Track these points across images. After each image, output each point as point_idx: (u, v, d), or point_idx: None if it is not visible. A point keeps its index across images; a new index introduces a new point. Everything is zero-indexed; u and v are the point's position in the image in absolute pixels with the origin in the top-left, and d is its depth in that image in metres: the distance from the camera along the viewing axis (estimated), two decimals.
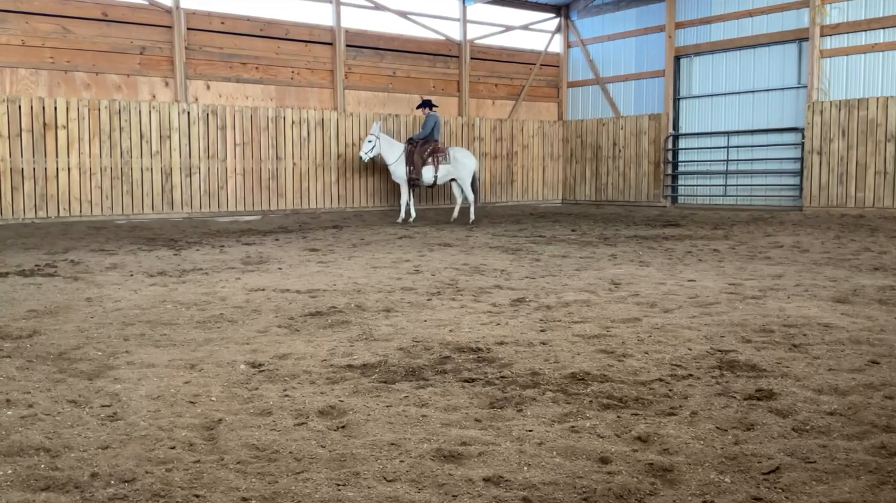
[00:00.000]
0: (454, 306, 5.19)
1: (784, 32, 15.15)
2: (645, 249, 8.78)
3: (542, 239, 10.19)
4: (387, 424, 2.78)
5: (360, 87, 16.31)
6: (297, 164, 15.33)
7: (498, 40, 18.53)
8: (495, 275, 6.70)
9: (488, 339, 4.10)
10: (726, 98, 16.31)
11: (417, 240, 10.18)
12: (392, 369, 3.54)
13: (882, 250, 8.36)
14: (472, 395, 3.13)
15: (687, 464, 2.38)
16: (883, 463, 2.31)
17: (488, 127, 18.11)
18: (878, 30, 13.86)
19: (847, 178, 14.19)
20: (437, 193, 17.14)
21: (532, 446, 2.54)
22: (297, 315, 4.88)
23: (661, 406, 2.99)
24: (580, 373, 3.41)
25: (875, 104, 13.76)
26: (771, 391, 3.12)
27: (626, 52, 18.08)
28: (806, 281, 6.21)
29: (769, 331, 4.29)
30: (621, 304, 5.20)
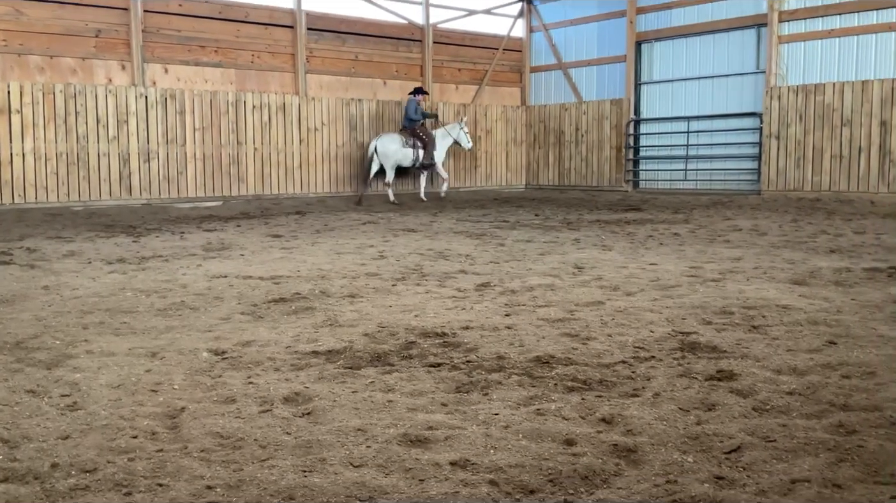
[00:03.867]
0: (419, 291, 5.18)
1: (743, 18, 15.33)
2: (607, 234, 8.86)
3: (506, 224, 10.23)
4: (353, 410, 2.77)
5: (323, 72, 16.14)
6: (259, 150, 15.15)
7: (461, 24, 18.46)
8: (460, 260, 6.71)
9: (454, 324, 4.11)
10: (686, 83, 16.47)
11: (381, 225, 10.15)
12: (357, 355, 3.53)
13: (838, 233, 8.54)
14: (438, 380, 3.13)
15: (650, 444, 2.41)
16: (841, 441, 2.37)
17: (451, 112, 18.07)
18: (834, 16, 14.09)
19: (804, 162, 14.45)
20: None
21: (498, 429, 2.55)
22: (260, 302, 4.84)
23: (625, 388, 3.02)
24: (545, 356, 3.43)
25: (831, 89, 14.02)
26: (731, 372, 3.17)
27: (588, 37, 18.15)
28: (764, 263, 6.32)
29: (729, 313, 4.36)
30: (585, 288, 5.24)
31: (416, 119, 15.38)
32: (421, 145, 15.38)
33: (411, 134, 15.36)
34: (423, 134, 15.46)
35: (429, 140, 15.49)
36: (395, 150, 15.23)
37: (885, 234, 8.38)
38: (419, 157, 15.38)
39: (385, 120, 16.91)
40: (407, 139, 15.30)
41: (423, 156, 15.41)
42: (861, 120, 13.64)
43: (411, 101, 15.44)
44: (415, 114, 15.34)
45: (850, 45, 13.98)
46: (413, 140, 15.31)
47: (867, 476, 2.13)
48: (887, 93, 13.34)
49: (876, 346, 3.56)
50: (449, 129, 15.97)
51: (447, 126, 16.10)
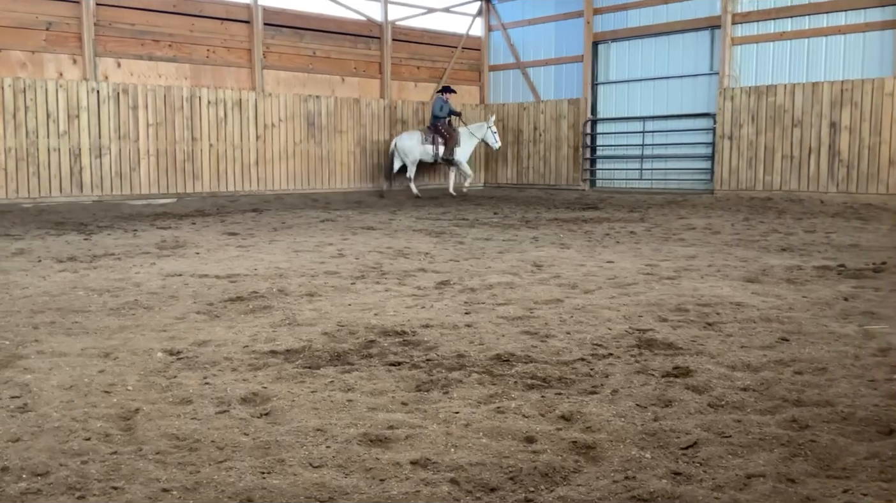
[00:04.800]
0: (379, 290, 5.16)
1: (697, 20, 15.57)
2: (565, 232, 8.94)
3: (465, 222, 10.24)
4: (312, 410, 2.75)
5: (280, 67, 15.98)
6: (214, 146, 14.93)
7: (420, 22, 18.43)
8: (420, 259, 6.70)
9: (413, 323, 4.10)
10: (642, 84, 16.68)
11: (340, 223, 10.09)
12: (316, 354, 3.50)
13: (789, 231, 8.73)
14: (398, 379, 3.12)
15: (609, 440, 2.43)
16: (794, 436, 2.42)
17: (411, 110, 18.03)
18: (786, 18, 14.40)
19: (756, 162, 14.74)
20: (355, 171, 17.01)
21: (459, 428, 2.55)
22: (216, 300, 4.77)
23: (584, 385, 3.05)
24: (505, 354, 3.44)
25: (783, 91, 14.32)
26: (687, 368, 3.22)
27: (546, 37, 18.27)
28: (718, 261, 6.43)
29: (684, 311, 4.42)
30: (544, 286, 5.27)
31: (440, 116, 16.00)
32: (442, 141, 15.96)
33: (434, 130, 16.07)
34: (444, 130, 16.01)
35: (450, 136, 16.00)
36: (414, 147, 16.04)
37: (835, 232, 8.59)
38: (439, 152, 15.99)
39: (344, 117, 16.81)
40: (427, 135, 16.07)
41: (443, 151, 15.98)
42: (811, 121, 13.97)
43: (437, 100, 16.21)
44: (440, 111, 16.04)
45: (800, 47, 14.30)
46: (433, 136, 16.00)
47: (820, 470, 2.18)
48: (836, 95, 13.68)
49: (827, 343, 3.64)
50: (474, 128, 16.32)
51: (473, 125, 16.45)
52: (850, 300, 4.68)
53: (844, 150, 13.63)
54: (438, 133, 16.03)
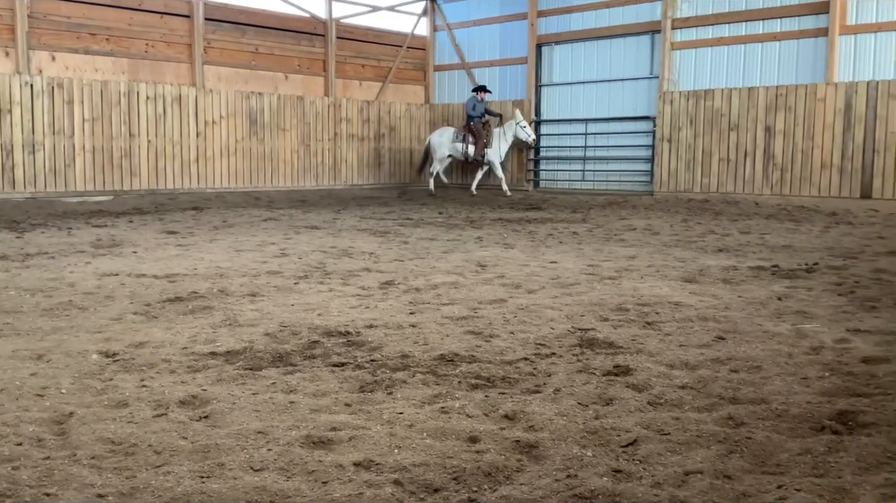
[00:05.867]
0: (322, 290, 5.12)
1: (638, 24, 15.86)
2: (509, 232, 9.00)
3: (409, 222, 10.23)
4: (253, 412, 2.70)
5: (221, 63, 15.71)
6: (153, 142, 14.60)
7: (365, 20, 18.34)
8: (364, 258, 6.67)
9: (357, 323, 4.07)
10: (585, 86, 16.91)
11: (284, 222, 9.97)
12: (258, 355, 3.45)
13: (725, 233, 8.95)
14: (341, 380, 3.09)
15: (551, 439, 2.46)
16: (731, 433, 2.47)
17: (355, 108, 17.94)
18: (723, 24, 14.77)
19: (694, 164, 15.09)
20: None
21: (402, 428, 2.54)
22: (154, 301, 4.66)
23: (527, 384, 3.07)
24: (449, 354, 3.45)
25: (720, 95, 14.68)
26: (627, 367, 3.27)
27: (491, 38, 18.37)
28: (657, 262, 6.55)
29: (625, 310, 4.50)
30: (488, 286, 5.30)
31: (473, 115, 15.92)
32: (472, 140, 15.86)
33: (467, 129, 16.06)
34: (476, 130, 15.88)
35: (479, 137, 15.85)
36: (443, 143, 16.19)
37: (769, 234, 8.84)
38: (469, 151, 15.94)
39: (287, 115, 16.62)
40: (459, 133, 16.13)
41: (473, 151, 15.89)
42: (747, 125, 14.36)
43: (470, 99, 16.18)
44: (472, 110, 15.98)
45: (737, 53, 14.69)
46: (465, 135, 15.99)
47: (755, 467, 2.24)
48: (771, 99, 14.09)
49: (761, 341, 3.74)
50: (506, 128, 16.11)
51: (504, 125, 16.20)
52: (783, 300, 4.82)
53: (778, 154, 14.05)
54: (471, 132, 15.94)
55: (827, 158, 13.57)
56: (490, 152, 16.02)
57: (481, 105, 16.11)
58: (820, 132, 13.61)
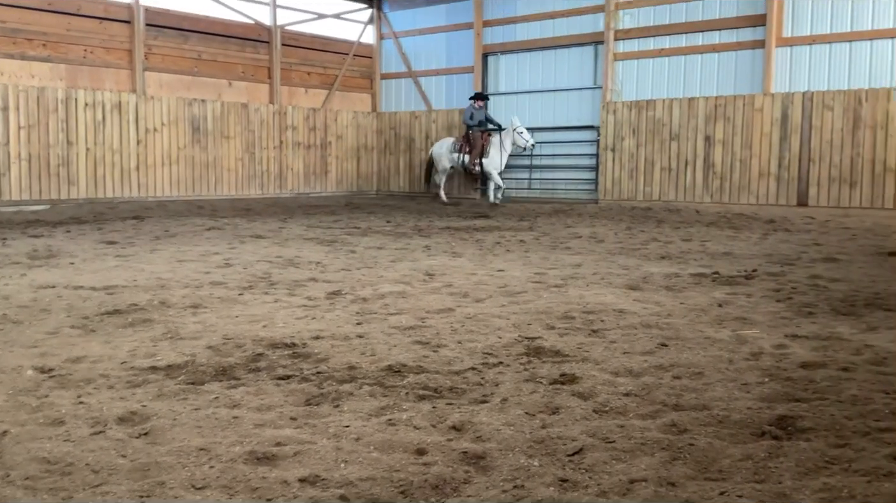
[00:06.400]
0: (267, 300, 5.04)
1: (582, 35, 16.11)
2: (457, 240, 9.02)
3: (357, 230, 10.17)
4: (195, 428, 2.64)
5: (163, 70, 15.44)
6: (92, 150, 14.24)
7: (311, 27, 18.24)
8: (310, 268, 6.60)
9: (304, 334, 4.02)
10: (531, 96, 17.09)
11: (228, 231, 9.81)
12: (200, 369, 3.38)
13: (668, 240, 9.12)
14: (287, 393, 3.05)
15: (499, 450, 2.46)
16: (674, 440, 2.51)
17: (301, 116, 17.80)
18: (664, 36, 15.10)
19: (637, 173, 15.37)
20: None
21: (349, 442, 2.51)
22: (92, 314, 4.53)
23: (475, 394, 3.07)
24: (397, 365, 3.43)
25: (662, 105, 14.99)
26: (573, 375, 3.29)
27: (438, 46, 18.44)
28: (602, 269, 6.64)
29: (571, 318, 4.53)
30: (436, 295, 5.29)
31: (471, 125, 15.58)
32: (468, 150, 15.57)
33: (464, 138, 15.80)
34: (472, 139, 15.55)
35: (475, 146, 15.50)
36: (442, 154, 16.00)
37: (709, 241, 9.04)
38: (465, 161, 15.69)
39: (231, 122, 16.40)
40: (457, 143, 15.89)
41: (468, 160, 15.61)
42: (688, 134, 14.69)
43: (467, 108, 15.87)
44: (469, 119, 15.63)
45: (678, 64, 15.03)
46: (462, 144, 15.75)
47: (698, 473, 2.28)
48: (711, 110, 14.44)
49: (703, 348, 3.81)
50: (503, 136, 15.67)
51: (502, 134, 15.72)
52: (723, 306, 4.92)
53: (718, 163, 14.40)
54: (466, 141, 15.73)
55: (765, 167, 13.96)
56: (486, 162, 15.62)
57: (480, 113, 15.72)
58: (758, 141, 14.00)
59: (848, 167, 13.19)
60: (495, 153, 15.59)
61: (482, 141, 15.58)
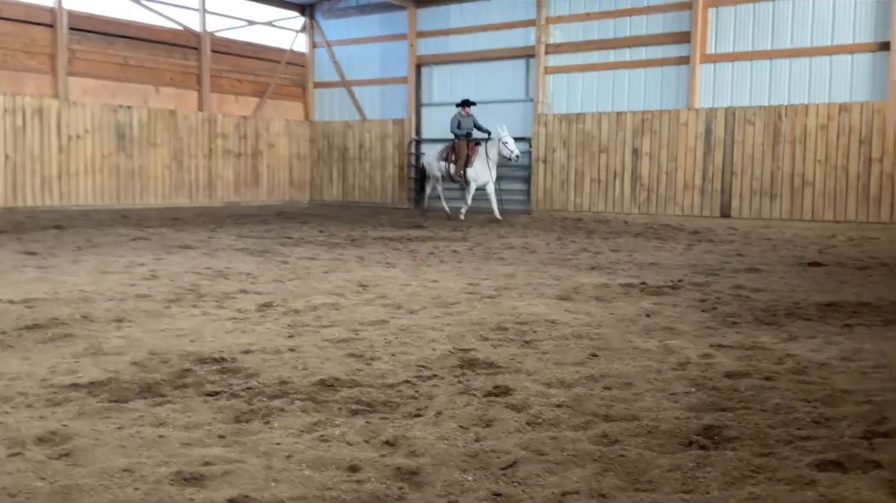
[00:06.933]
0: (196, 314, 4.92)
1: (514, 49, 16.31)
2: (391, 251, 8.99)
3: (289, 240, 10.04)
4: (118, 448, 2.55)
5: (87, 75, 14.97)
6: (11, 157, 13.69)
7: (242, 34, 17.97)
8: (241, 279, 6.48)
9: (233, 348, 3.94)
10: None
11: (154, 241, 9.55)
12: (124, 386, 3.27)
13: (597, 251, 9.29)
14: (215, 410, 2.97)
15: (433, 465, 2.45)
16: (605, 451, 2.54)
17: (231, 124, 17.50)
18: (593, 51, 15.41)
19: (567, 184, 15.62)
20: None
21: (280, 460, 2.46)
22: (9, 329, 4.34)
23: (409, 408, 3.05)
24: (329, 379, 3.39)
25: (591, 118, 15.29)
26: (507, 387, 3.31)
27: (372, 56, 18.40)
28: (534, 280, 6.71)
29: (504, 329, 4.56)
30: (369, 307, 5.26)
31: (458, 134, 14.77)
32: (453, 159, 14.79)
33: (450, 147, 14.99)
34: (457, 148, 14.78)
35: (459, 156, 14.71)
36: (432, 164, 15.19)
37: (637, 251, 9.24)
38: (451, 170, 14.87)
39: (158, 129, 16.01)
40: (443, 152, 15.04)
41: (453, 170, 14.81)
42: (616, 147, 15.01)
43: (454, 116, 14.96)
44: (457, 128, 14.79)
45: (607, 78, 15.35)
46: (448, 153, 14.93)
47: (629, 484, 2.31)
48: (638, 123, 14.79)
49: (632, 358, 3.88)
50: (488, 146, 14.66)
51: (488, 143, 14.70)
52: (651, 316, 5.03)
53: (645, 175, 14.76)
54: (452, 150, 14.86)
55: (689, 179, 14.36)
56: (470, 172, 14.66)
57: (468, 120, 14.83)
58: (683, 155, 14.40)
59: (769, 180, 13.68)
60: (480, 164, 14.66)
61: (467, 150, 14.75)
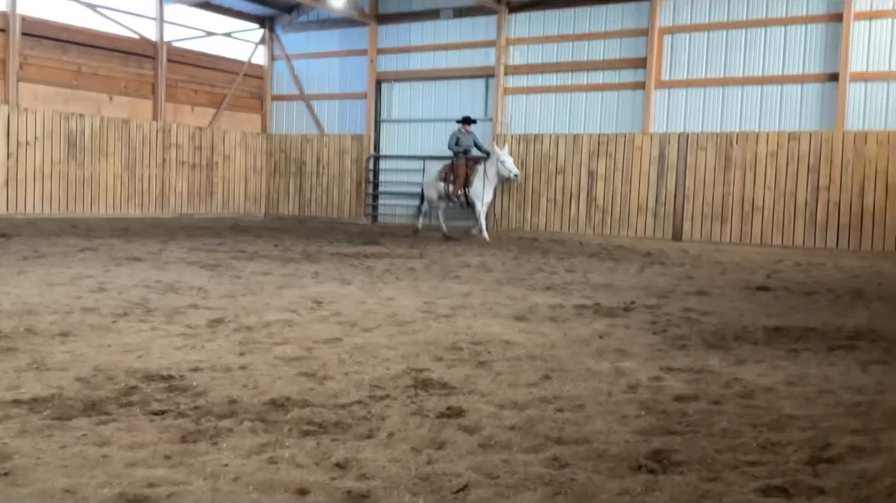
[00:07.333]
0: (144, 329, 4.82)
1: (474, 69, 16.45)
2: (347, 267, 8.93)
3: (243, 254, 9.92)
4: (60, 468, 2.48)
5: (39, 81, 14.67)
6: None
7: (199, 45, 17.80)
8: (191, 294, 6.37)
9: (182, 365, 3.86)
10: (423, 124, 17.26)
11: (103, 253, 9.35)
12: (68, 403, 3.18)
13: (553, 271, 9.36)
14: (161, 430, 2.91)
15: (383, 488, 2.42)
16: (556, 474, 2.55)
17: (186, 134, 17.28)
18: (552, 73, 15.63)
19: (524, 204, 15.75)
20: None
21: (227, 482, 2.42)
22: None
23: (360, 429, 3.02)
24: (280, 398, 3.34)
25: (548, 140, 15.47)
26: (460, 408, 3.30)
27: (331, 71, 18.37)
28: (490, 299, 6.72)
29: (459, 349, 4.56)
30: (323, 324, 5.21)
31: (456, 151, 14.26)
32: (452, 179, 14.26)
33: (449, 166, 14.43)
34: (456, 167, 14.26)
35: (457, 176, 14.18)
36: (430, 183, 14.65)
37: (591, 272, 9.33)
38: (449, 190, 14.32)
39: (111, 138, 15.73)
40: (442, 172, 14.51)
41: (451, 190, 14.28)
42: (572, 169, 15.21)
43: (453, 133, 14.48)
44: (456, 145, 14.26)
45: (564, 101, 15.57)
46: (446, 173, 14.40)
47: None
48: (594, 146, 15.01)
49: (584, 380, 3.91)
50: (487, 165, 14.05)
51: (487, 163, 14.11)
52: (604, 338, 5.07)
53: (600, 197, 14.96)
54: (451, 169, 14.35)
55: (643, 202, 14.61)
56: (471, 191, 14.09)
57: (467, 138, 14.36)
58: (637, 178, 14.65)
59: (719, 204, 13.98)
60: (478, 183, 14.07)
61: (466, 169, 14.24)
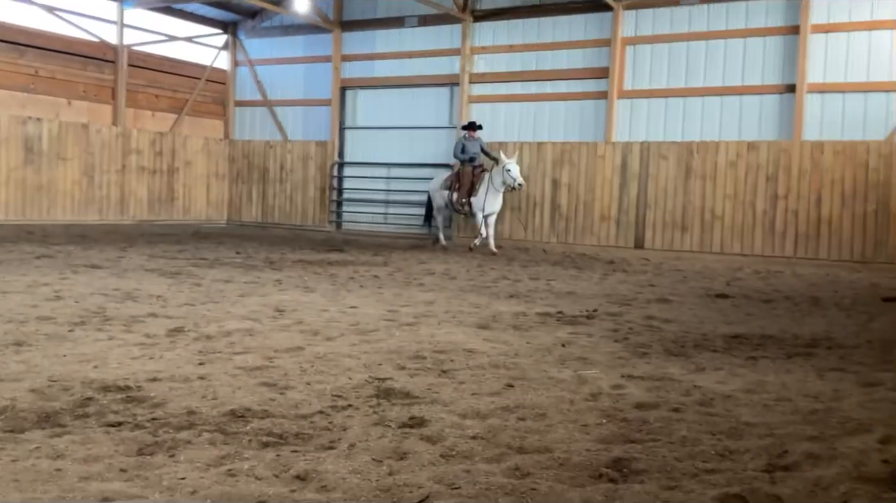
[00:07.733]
0: (101, 338, 4.73)
1: (439, 76, 16.48)
2: (310, 274, 8.87)
3: (204, 262, 9.79)
4: (12, 482, 2.42)
5: None
6: None
7: (160, 49, 17.58)
8: (150, 302, 6.27)
9: (139, 376, 3.79)
10: (388, 131, 17.24)
11: (60, 260, 9.17)
12: (21, 415, 3.10)
13: (517, 279, 9.39)
14: (117, 442, 2.85)
15: (344, 500, 2.40)
16: (517, 484, 2.55)
17: (147, 139, 17.04)
18: (516, 82, 15.72)
19: None
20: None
21: (184, 496, 2.37)
22: None
23: (321, 440, 2.99)
24: (240, 409, 3.30)
25: (512, 148, 15.51)
26: (422, 418, 3.29)
27: (295, 77, 18.27)
28: (454, 307, 6.73)
29: (422, 358, 4.55)
30: (285, 333, 5.16)
31: (461, 159, 13.88)
32: (457, 186, 13.88)
33: (456, 174, 14.09)
34: (461, 175, 13.89)
35: (462, 184, 13.76)
36: (434, 191, 14.31)
37: (555, 280, 9.39)
38: (453, 198, 13.94)
39: (69, 143, 15.45)
40: (447, 179, 14.18)
41: (455, 198, 13.88)
42: (537, 177, 15.29)
43: (458, 140, 14.20)
44: (461, 153, 13.85)
45: (528, 109, 15.67)
46: (451, 181, 14.06)
47: None
48: (558, 154, 15.13)
49: (546, 388, 3.92)
50: (493, 174, 13.52)
51: (493, 171, 13.58)
52: (566, 346, 5.10)
53: (564, 205, 15.07)
54: (456, 177, 13.97)
55: (606, 211, 14.75)
56: (475, 201, 13.61)
57: (473, 144, 13.95)
58: (600, 186, 14.79)
59: (680, 213, 14.17)
60: (483, 192, 13.57)
61: (472, 177, 13.78)
